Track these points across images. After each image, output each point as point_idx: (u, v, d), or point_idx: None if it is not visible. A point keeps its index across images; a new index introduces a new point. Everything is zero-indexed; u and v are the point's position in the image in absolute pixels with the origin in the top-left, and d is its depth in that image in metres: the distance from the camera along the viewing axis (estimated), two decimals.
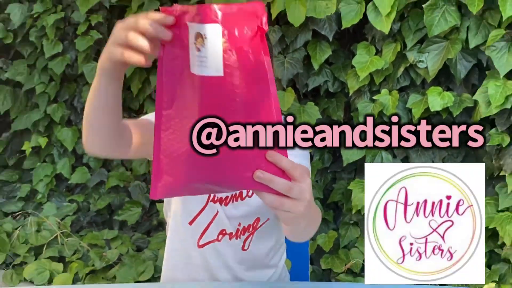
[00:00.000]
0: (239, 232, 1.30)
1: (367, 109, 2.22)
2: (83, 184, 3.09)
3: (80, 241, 2.74)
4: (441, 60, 2.11)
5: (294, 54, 2.31)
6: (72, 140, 3.02)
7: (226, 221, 1.26)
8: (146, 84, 2.83)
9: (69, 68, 3.00)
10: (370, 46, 2.23)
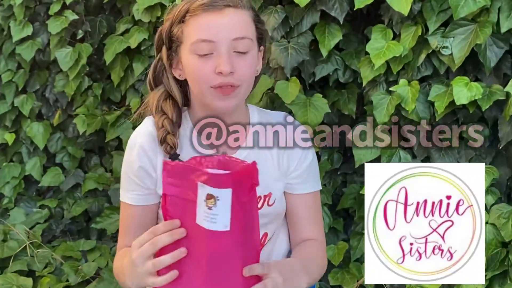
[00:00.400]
0: None
1: (382, 102, 2.19)
2: (55, 187, 3.08)
3: (52, 252, 2.72)
4: (468, 46, 2.08)
5: (300, 38, 2.28)
6: (44, 136, 3.01)
7: None
8: (128, 72, 2.81)
9: (40, 53, 2.98)
10: (386, 30, 2.20)
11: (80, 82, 2.90)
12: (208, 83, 1.21)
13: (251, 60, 1.24)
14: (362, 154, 2.24)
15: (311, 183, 1.39)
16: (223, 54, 1.18)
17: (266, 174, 1.31)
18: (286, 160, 1.35)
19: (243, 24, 1.22)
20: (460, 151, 2.22)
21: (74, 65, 2.83)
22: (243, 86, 1.24)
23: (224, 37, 1.18)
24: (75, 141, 3.04)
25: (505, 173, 2.20)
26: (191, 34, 1.20)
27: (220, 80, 1.20)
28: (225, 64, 1.18)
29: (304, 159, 1.37)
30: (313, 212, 1.40)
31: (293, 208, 1.38)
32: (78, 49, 2.84)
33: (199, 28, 1.19)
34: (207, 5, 1.19)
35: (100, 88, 2.94)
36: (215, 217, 1.03)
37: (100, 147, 3.08)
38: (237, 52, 1.20)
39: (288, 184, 1.37)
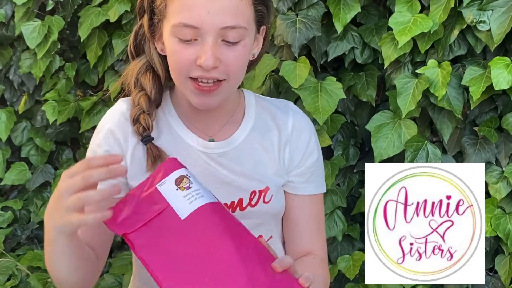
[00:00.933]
0: None
1: (408, 87, 2.19)
2: (21, 186, 3.10)
3: (17, 262, 2.73)
4: (510, 20, 2.08)
5: (310, 11, 2.27)
6: (7, 126, 3.02)
7: None
8: (107, 50, 2.82)
9: (2, 28, 2.99)
10: (413, 1, 2.19)
11: (50, 62, 2.90)
12: (186, 73, 1.20)
13: (242, 51, 1.21)
14: (383, 149, 2.24)
15: (316, 184, 1.41)
16: (208, 44, 1.16)
17: (262, 167, 1.34)
18: (288, 154, 1.37)
19: (236, 9, 1.18)
20: (499, 146, 2.22)
21: (43, 41, 2.83)
22: (229, 81, 1.22)
23: (211, 24, 1.15)
24: (44, 131, 3.05)
25: None
26: (174, 14, 1.18)
27: (199, 72, 1.18)
28: (208, 57, 1.16)
29: (309, 156, 1.39)
30: (315, 219, 1.41)
31: (293, 212, 1.39)
32: (47, 22, 2.83)
33: (183, 9, 1.16)
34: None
35: (74, 69, 2.93)
36: (198, 190, 1.07)
37: (73, 138, 3.08)
38: (225, 42, 1.18)
39: (290, 183, 1.38)
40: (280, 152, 1.36)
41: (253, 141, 1.35)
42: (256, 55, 1.33)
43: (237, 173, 1.31)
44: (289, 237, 1.41)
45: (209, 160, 1.31)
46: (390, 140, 2.25)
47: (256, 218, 1.32)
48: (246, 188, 1.32)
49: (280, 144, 1.36)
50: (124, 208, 1.06)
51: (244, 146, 1.34)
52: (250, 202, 1.32)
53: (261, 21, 1.27)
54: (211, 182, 1.26)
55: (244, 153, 1.33)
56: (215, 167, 1.31)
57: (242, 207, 1.32)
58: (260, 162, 1.34)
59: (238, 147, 1.33)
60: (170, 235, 1.03)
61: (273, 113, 1.38)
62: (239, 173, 1.31)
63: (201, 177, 1.22)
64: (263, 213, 1.35)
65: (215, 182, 1.28)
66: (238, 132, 1.34)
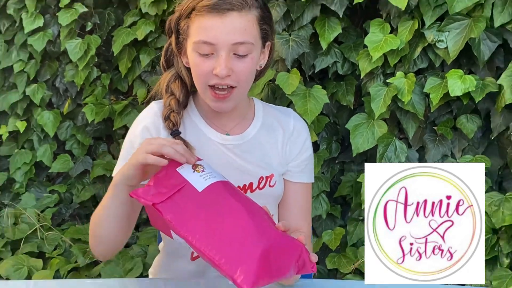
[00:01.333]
0: None
1: (380, 94, 2.21)
2: (65, 173, 3.10)
3: (61, 235, 2.74)
4: (463, 40, 2.09)
5: (300, 31, 2.29)
6: (54, 124, 3.02)
7: None
8: (136, 63, 2.83)
9: (50, 44, 2.99)
10: (384, 24, 2.22)
11: (89, 73, 2.91)
12: (205, 81, 1.23)
13: (250, 62, 1.24)
14: (359, 144, 2.26)
15: (307, 174, 1.41)
16: (222, 57, 1.20)
17: (268, 157, 1.35)
18: (289, 149, 1.38)
19: (244, 29, 1.21)
20: (454, 142, 2.24)
21: (83, 56, 2.84)
22: (239, 88, 1.25)
23: (224, 41, 1.19)
24: (84, 129, 3.06)
25: (496, 162, 2.21)
26: (195, 33, 1.22)
27: (216, 80, 1.21)
28: (222, 68, 1.19)
29: (304, 151, 1.40)
30: (304, 203, 1.41)
31: (288, 195, 1.39)
32: (87, 40, 2.85)
33: (202, 29, 1.21)
34: (212, 7, 1.20)
35: (108, 78, 2.95)
36: (211, 173, 1.10)
37: (107, 135, 3.10)
38: (236, 55, 1.22)
39: (288, 172, 1.39)
40: (282, 146, 1.37)
41: (261, 137, 1.36)
42: (262, 66, 1.33)
43: (248, 161, 1.33)
44: (282, 216, 1.41)
45: (226, 150, 1.32)
46: (365, 137, 2.26)
47: (262, 199, 1.29)
48: (255, 174, 1.33)
49: (283, 141, 1.37)
50: (151, 186, 1.08)
51: (254, 141, 1.35)
52: (258, 186, 1.33)
53: (266, 37, 1.29)
54: (228, 168, 1.29)
55: (254, 146, 1.35)
56: (231, 156, 1.32)
57: (252, 189, 1.33)
58: (267, 154, 1.35)
59: (249, 141, 1.34)
60: (191, 204, 1.05)
61: (278, 116, 1.40)
62: (250, 161, 1.33)
63: (220, 164, 1.27)
64: (268, 195, 1.36)
65: (231, 168, 1.30)
66: (249, 129, 1.36)
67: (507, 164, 2.19)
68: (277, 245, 1.02)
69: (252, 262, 0.98)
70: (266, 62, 1.34)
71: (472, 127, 2.17)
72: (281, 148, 1.38)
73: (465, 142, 2.22)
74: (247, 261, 0.98)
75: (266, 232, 1.03)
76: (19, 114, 3.11)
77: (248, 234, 1.01)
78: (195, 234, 1.02)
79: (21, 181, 3.05)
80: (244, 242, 1.00)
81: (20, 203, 2.95)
